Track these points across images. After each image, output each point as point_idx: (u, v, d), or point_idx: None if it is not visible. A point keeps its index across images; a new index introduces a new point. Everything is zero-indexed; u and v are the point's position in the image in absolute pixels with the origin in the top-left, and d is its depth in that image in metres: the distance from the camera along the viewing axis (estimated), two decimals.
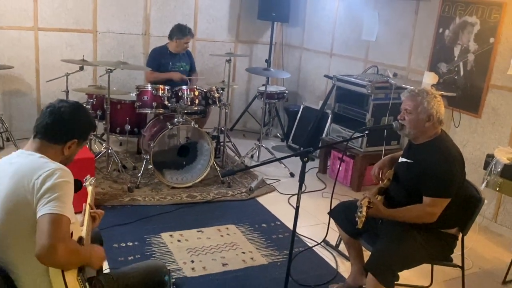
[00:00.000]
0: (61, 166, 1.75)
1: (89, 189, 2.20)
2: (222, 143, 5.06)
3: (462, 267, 2.65)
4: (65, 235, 1.63)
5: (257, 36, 6.49)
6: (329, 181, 4.92)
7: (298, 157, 2.54)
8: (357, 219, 2.41)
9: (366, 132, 2.85)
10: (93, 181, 2.27)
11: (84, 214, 2.04)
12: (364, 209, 2.40)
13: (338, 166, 4.57)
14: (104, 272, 2.05)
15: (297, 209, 2.64)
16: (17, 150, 4.90)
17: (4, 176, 1.72)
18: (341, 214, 2.87)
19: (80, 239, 1.82)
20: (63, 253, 1.58)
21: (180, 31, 4.98)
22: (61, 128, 1.84)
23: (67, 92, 4.61)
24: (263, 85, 5.52)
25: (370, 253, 2.58)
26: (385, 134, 4.53)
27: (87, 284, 1.81)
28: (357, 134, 3.01)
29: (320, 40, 6.07)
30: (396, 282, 2.42)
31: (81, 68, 4.61)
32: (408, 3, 4.78)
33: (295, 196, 2.90)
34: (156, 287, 2.08)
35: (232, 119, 6.41)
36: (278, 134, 6.37)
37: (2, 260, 1.72)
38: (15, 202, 1.67)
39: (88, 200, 2.11)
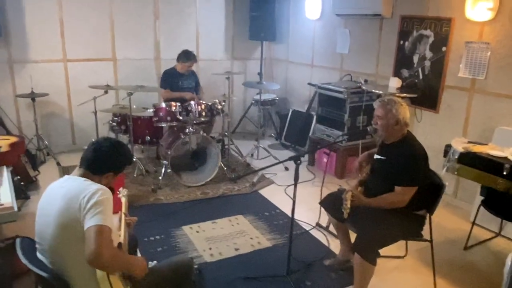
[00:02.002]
0: (102, 186, 1.79)
1: (123, 200, 2.21)
2: (226, 146, 5.09)
3: (430, 241, 2.70)
4: (108, 241, 1.67)
5: (249, 53, 6.50)
6: (317, 171, 4.98)
7: (292, 152, 2.59)
8: (343, 210, 2.46)
9: (347, 136, 2.90)
10: (125, 192, 2.28)
11: (120, 221, 2.08)
12: (349, 202, 2.45)
13: (325, 160, 4.61)
14: None
15: (293, 203, 2.71)
16: (56, 162, 4.90)
17: (57, 198, 1.77)
18: (330, 204, 2.93)
19: (119, 245, 1.86)
20: (107, 256, 1.63)
21: (185, 56, 5.01)
22: (100, 163, 1.90)
23: (95, 112, 4.63)
24: (257, 94, 5.54)
25: (355, 233, 2.65)
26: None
27: (128, 281, 1.86)
28: (340, 138, 3.07)
29: (302, 54, 6.09)
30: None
31: (106, 92, 4.63)
32: (373, 21, 4.81)
33: (291, 187, 2.95)
34: (184, 276, 2.12)
35: (233, 123, 6.44)
36: (272, 134, 6.39)
37: (57, 266, 1.76)
38: (66, 219, 1.71)
39: (123, 209, 2.14)
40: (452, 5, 3.93)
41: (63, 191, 1.78)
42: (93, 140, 1.97)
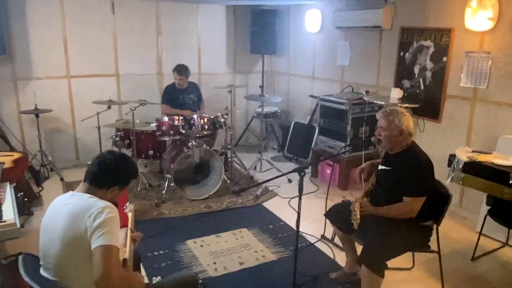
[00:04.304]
0: (108, 204, 1.75)
1: (130, 215, 2.16)
2: (229, 159, 5.06)
3: (438, 252, 2.64)
4: (116, 262, 1.63)
5: (250, 67, 6.51)
6: (321, 183, 4.93)
7: (294, 164, 2.53)
8: (352, 221, 2.41)
9: (350, 148, 2.87)
10: (132, 207, 2.22)
11: (126, 237, 2.03)
12: (358, 212, 2.40)
13: (328, 172, 4.56)
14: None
15: (298, 215, 2.65)
16: (59, 178, 4.85)
17: (61, 215, 1.72)
18: (335, 215, 2.88)
19: (124, 261, 1.81)
20: (116, 278, 1.59)
21: (175, 69, 5.05)
22: (104, 177, 1.84)
23: (98, 127, 4.61)
24: (260, 107, 5.52)
25: (361, 245, 2.59)
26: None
27: None
28: (343, 150, 3.03)
29: (303, 66, 6.10)
30: None
31: (109, 107, 4.61)
32: (373, 33, 4.81)
33: (295, 199, 2.90)
34: None
35: (236, 136, 6.41)
36: (275, 146, 6.36)
37: (61, 283, 1.71)
38: (72, 237, 1.67)
39: (129, 225, 2.08)
40: (451, 16, 3.93)
41: (68, 209, 1.73)
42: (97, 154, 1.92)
